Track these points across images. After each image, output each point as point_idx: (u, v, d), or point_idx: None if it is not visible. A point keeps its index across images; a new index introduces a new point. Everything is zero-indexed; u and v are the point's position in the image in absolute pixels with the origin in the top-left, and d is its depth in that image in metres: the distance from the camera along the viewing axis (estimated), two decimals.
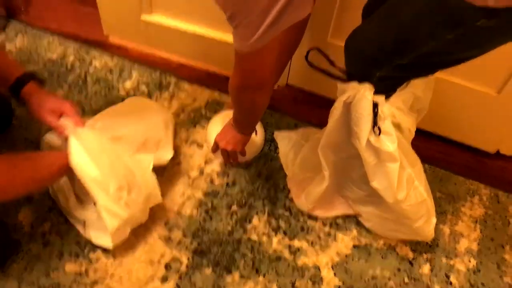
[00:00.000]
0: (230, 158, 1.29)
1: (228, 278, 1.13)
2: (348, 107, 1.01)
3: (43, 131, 1.32)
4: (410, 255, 1.22)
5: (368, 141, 1.00)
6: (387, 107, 0.99)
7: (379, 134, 0.99)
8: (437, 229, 1.26)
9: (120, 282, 1.10)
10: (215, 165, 1.33)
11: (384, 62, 0.93)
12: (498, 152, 1.46)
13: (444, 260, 1.22)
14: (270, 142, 1.40)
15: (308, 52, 1.02)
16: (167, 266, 1.14)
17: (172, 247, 1.17)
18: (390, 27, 0.89)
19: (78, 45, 1.58)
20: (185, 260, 1.15)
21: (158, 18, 1.51)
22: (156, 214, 1.20)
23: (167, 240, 1.18)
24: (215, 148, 1.30)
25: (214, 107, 1.46)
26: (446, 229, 1.28)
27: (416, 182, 1.09)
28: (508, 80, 1.23)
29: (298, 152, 1.30)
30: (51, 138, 1.16)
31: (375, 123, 0.99)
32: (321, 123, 1.45)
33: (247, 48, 0.84)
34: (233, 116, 1.20)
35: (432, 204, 1.14)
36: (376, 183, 1.07)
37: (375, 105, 0.98)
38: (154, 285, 1.10)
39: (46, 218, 1.17)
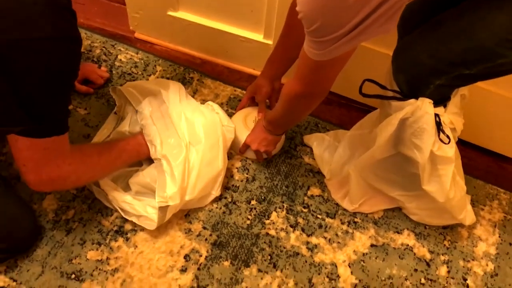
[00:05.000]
0: (263, 155, 1.32)
1: (246, 271, 1.15)
2: (403, 122, 1.04)
3: None
4: (428, 256, 1.22)
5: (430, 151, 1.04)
6: (446, 116, 1.03)
7: (449, 142, 1.02)
8: (455, 231, 1.27)
9: (140, 271, 1.12)
10: (236, 160, 1.35)
11: (447, 72, 0.93)
12: None
13: (461, 262, 1.22)
14: (290, 140, 1.41)
15: (361, 85, 1.02)
16: (187, 257, 1.16)
17: (192, 239, 1.19)
18: (461, 41, 0.88)
19: (105, 39, 1.61)
20: (204, 252, 1.17)
21: (184, 15, 1.53)
22: None
23: (187, 232, 1.20)
24: (244, 149, 1.32)
25: (236, 104, 1.48)
26: (465, 232, 1.27)
27: (457, 177, 1.13)
28: None
29: (333, 152, 1.32)
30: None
31: (439, 133, 1.02)
32: (341, 123, 1.47)
33: (321, 57, 0.81)
34: (270, 119, 1.21)
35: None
36: (428, 187, 1.11)
37: (436, 116, 1.01)
38: (173, 275, 1.13)
39: (69, 206, 1.20)
